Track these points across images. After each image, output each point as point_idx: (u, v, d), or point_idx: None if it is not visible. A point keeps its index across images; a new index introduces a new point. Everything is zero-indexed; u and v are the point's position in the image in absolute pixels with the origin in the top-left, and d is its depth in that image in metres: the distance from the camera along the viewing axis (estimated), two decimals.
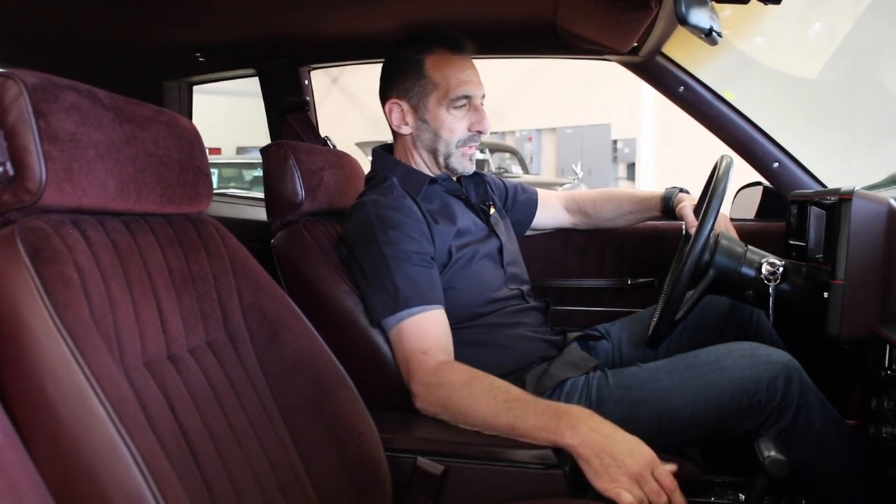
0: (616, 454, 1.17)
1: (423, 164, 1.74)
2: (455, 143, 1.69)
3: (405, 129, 1.72)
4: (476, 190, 1.85)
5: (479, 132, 1.70)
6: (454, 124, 1.67)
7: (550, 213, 2.13)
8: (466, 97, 1.67)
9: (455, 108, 1.66)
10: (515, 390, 1.33)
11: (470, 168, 1.74)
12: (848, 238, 1.36)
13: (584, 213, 2.14)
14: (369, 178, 1.77)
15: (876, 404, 1.24)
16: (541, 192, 2.12)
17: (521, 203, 2.06)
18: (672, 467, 1.17)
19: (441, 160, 1.71)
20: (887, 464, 1.22)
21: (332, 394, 1.19)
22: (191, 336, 1.05)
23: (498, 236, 1.75)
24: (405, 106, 1.71)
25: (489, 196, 1.88)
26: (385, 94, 1.74)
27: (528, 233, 2.12)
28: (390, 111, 1.72)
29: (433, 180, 1.71)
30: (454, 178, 1.78)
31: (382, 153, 1.79)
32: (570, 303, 2.28)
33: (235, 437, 1.04)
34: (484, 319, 1.63)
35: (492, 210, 1.82)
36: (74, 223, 0.91)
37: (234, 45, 2.15)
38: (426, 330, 1.46)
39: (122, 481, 0.76)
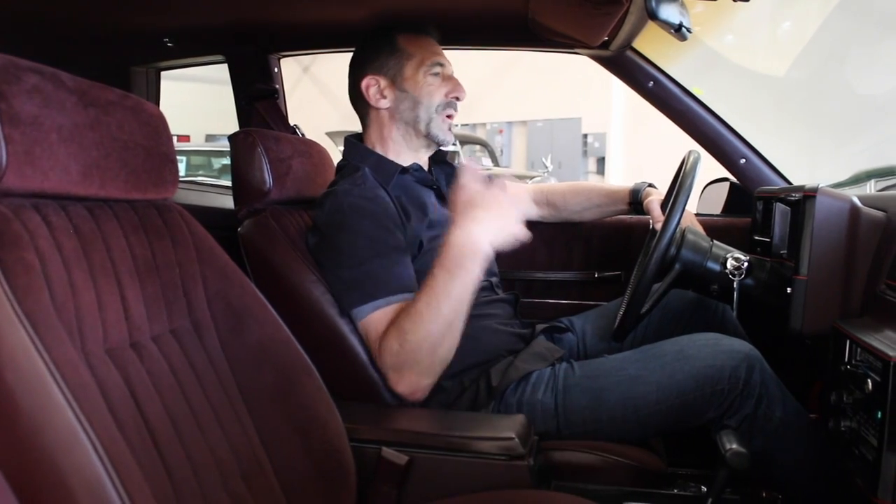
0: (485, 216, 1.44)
1: (400, 141, 1.75)
2: (435, 107, 1.71)
3: (383, 104, 1.73)
4: (447, 180, 1.84)
5: (457, 98, 1.74)
6: (433, 89, 1.71)
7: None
8: (440, 65, 1.73)
9: (431, 74, 1.72)
10: (426, 290, 1.41)
11: (450, 138, 1.77)
12: (811, 234, 1.38)
13: (553, 205, 2.14)
14: (341, 166, 1.76)
15: (835, 398, 1.25)
16: (509, 184, 2.12)
17: None
18: None
19: (423, 127, 1.72)
20: (845, 457, 1.24)
21: (296, 384, 1.18)
22: (154, 324, 1.04)
23: None
24: (382, 80, 1.72)
25: None
26: (360, 74, 1.74)
27: None
28: (367, 87, 1.73)
29: (404, 170, 1.71)
30: (425, 168, 1.78)
31: (355, 142, 1.78)
32: (536, 295, 2.28)
33: (198, 426, 1.03)
34: None
35: None
36: (36, 208, 0.89)
37: (204, 30, 2.13)
38: (390, 318, 1.46)
39: (82, 469, 0.76)
